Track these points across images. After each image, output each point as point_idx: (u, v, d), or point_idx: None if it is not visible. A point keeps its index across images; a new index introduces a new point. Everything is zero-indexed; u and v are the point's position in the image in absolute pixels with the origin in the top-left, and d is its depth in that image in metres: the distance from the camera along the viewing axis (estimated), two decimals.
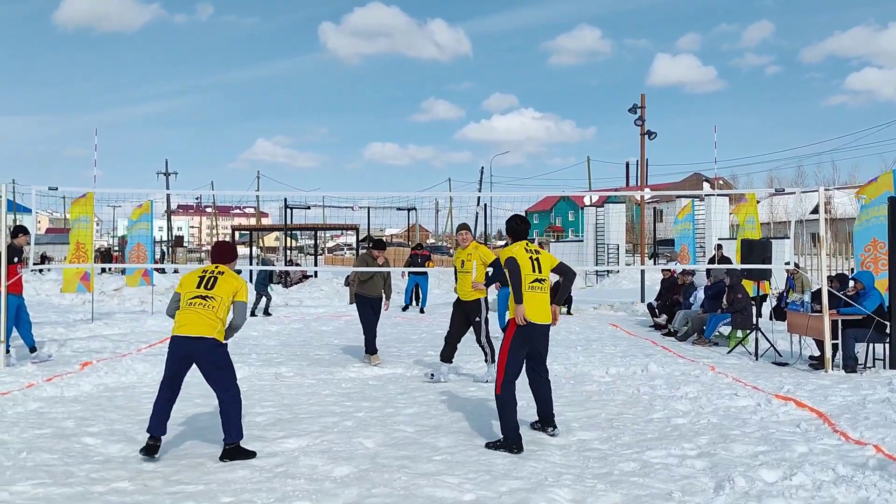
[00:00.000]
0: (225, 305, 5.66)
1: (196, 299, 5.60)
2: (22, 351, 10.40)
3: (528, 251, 6.23)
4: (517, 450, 5.81)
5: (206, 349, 5.55)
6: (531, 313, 6.03)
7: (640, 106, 23.99)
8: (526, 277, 6.07)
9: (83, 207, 15.10)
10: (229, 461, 5.54)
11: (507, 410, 5.96)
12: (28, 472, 5.20)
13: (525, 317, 5.99)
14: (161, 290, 22.40)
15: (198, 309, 5.57)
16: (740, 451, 5.87)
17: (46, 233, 65.43)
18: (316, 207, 42.94)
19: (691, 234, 17.73)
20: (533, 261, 6.19)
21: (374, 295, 10.67)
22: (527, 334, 6.06)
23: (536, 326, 6.08)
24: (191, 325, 5.54)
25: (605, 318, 17.56)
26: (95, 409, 7.39)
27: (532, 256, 6.22)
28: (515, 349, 6.04)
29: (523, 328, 6.02)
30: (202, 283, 5.69)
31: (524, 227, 6.42)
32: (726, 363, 10.49)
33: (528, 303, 6.03)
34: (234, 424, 5.66)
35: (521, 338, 6.05)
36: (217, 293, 5.64)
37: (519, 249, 6.22)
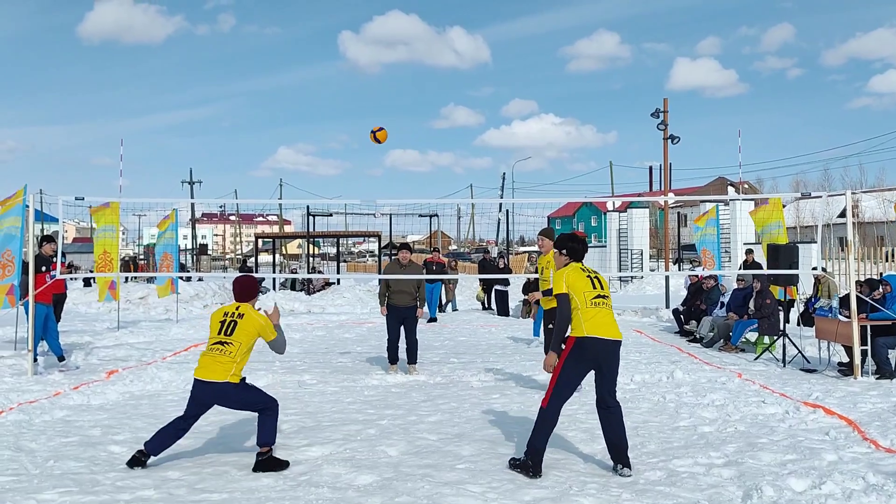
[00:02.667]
0: (245, 348, 5.73)
1: (216, 345, 5.71)
2: (50, 360, 10.54)
3: (584, 270, 5.80)
4: (534, 474, 5.41)
5: (220, 392, 5.64)
6: (592, 328, 5.50)
7: (662, 110, 23.82)
8: (587, 294, 5.60)
9: (109, 216, 15.28)
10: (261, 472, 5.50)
11: (543, 429, 5.51)
12: (55, 481, 5.25)
13: (588, 331, 5.49)
14: (185, 297, 22.60)
15: (215, 354, 5.68)
16: (768, 460, 5.78)
17: (73, 242, 66.32)
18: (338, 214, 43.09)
19: (716, 238, 17.53)
20: (592, 279, 5.76)
21: (401, 304, 10.29)
22: (588, 349, 5.48)
23: (600, 341, 5.49)
24: (205, 370, 5.66)
25: (629, 325, 17.41)
26: (121, 417, 7.46)
27: (590, 275, 5.79)
28: (572, 364, 5.53)
29: (586, 343, 5.49)
30: (222, 329, 5.77)
31: (582, 249, 5.94)
32: (753, 370, 10.35)
33: (592, 318, 5.52)
34: (268, 429, 5.68)
35: (582, 352, 5.50)
36: (236, 339, 5.71)
37: (572, 272, 5.75)
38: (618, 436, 5.60)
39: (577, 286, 5.64)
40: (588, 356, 5.50)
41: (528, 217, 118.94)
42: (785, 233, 15.09)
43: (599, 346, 5.48)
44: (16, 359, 10.60)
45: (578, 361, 5.52)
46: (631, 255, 31.78)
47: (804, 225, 54.19)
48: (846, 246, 10.88)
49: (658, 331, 15.87)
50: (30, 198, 10.46)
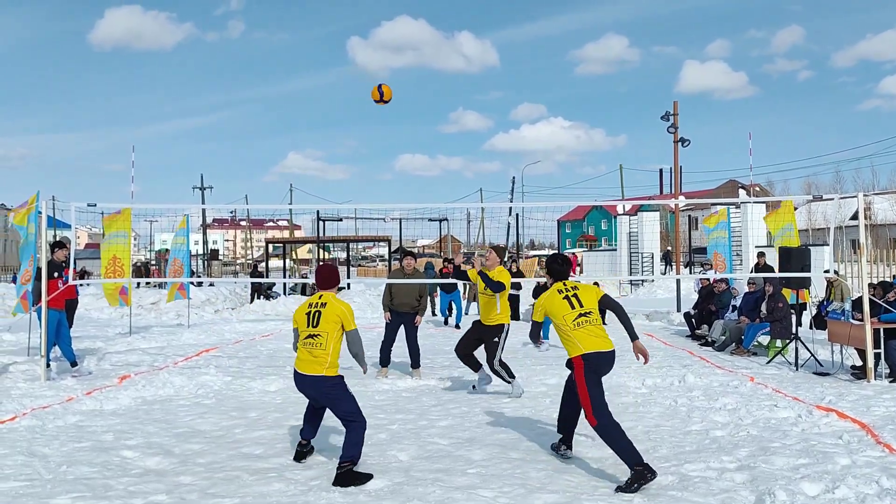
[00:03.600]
0: (333, 338, 5.75)
1: (308, 339, 5.76)
2: (62, 365, 10.60)
3: (561, 291, 5.99)
4: (651, 475, 5.25)
5: (316, 385, 5.73)
6: (589, 345, 5.76)
7: (672, 113, 23.79)
8: (567, 318, 5.83)
9: (120, 222, 15.37)
10: (341, 487, 5.31)
11: (615, 437, 5.52)
12: (68, 486, 5.27)
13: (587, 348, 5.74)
14: (197, 303, 22.70)
15: (309, 348, 5.75)
16: (781, 464, 5.75)
17: (85, 248, 66.73)
18: (348, 219, 43.18)
19: (727, 241, 17.47)
20: (570, 298, 5.94)
21: (403, 310, 10.39)
22: (594, 363, 5.75)
23: (601, 354, 5.78)
24: (303, 363, 5.77)
25: (640, 328, 17.35)
26: (133, 422, 7.49)
27: (567, 295, 5.96)
28: (591, 383, 5.69)
29: (591, 358, 5.73)
30: (310, 321, 5.79)
31: (565, 269, 6.23)
32: (766, 373, 10.29)
33: (582, 338, 5.77)
34: (350, 443, 5.58)
35: (591, 370, 5.73)
36: (322, 329, 5.74)
37: (549, 297, 6.01)
38: (575, 413, 6.02)
39: (556, 312, 5.89)
40: (594, 367, 5.73)
41: (539, 221, 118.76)
42: (797, 235, 15.02)
43: (603, 358, 5.78)
44: (29, 364, 10.68)
45: (592, 373, 5.70)
46: (641, 258, 31.70)
47: (816, 227, 53.86)
48: (858, 248, 10.81)
49: (669, 334, 15.81)
50: (42, 204, 10.55)
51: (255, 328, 18.05)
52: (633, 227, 33.08)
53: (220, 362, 11.64)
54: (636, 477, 5.24)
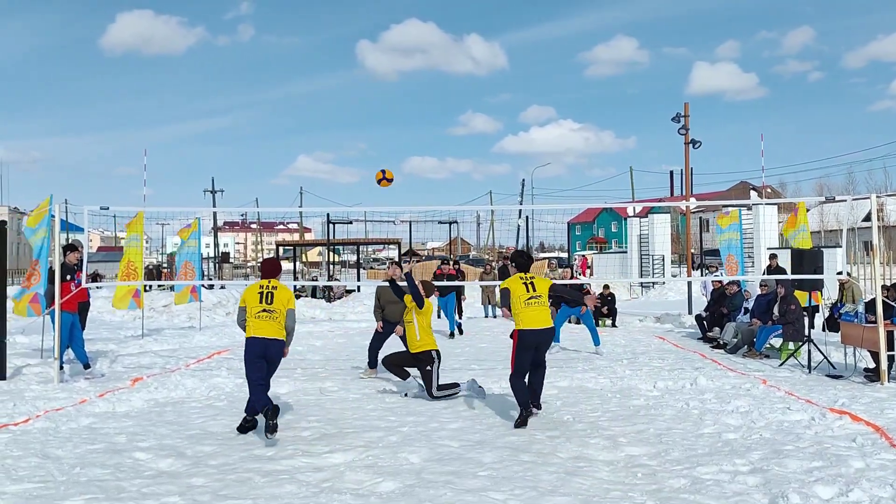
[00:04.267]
0: (283, 314, 7.06)
1: (263, 313, 7.01)
2: (75, 367, 10.66)
3: (522, 279, 7.73)
4: (527, 413, 7.38)
5: (275, 345, 7.06)
6: (529, 322, 7.50)
7: (683, 115, 23.72)
8: (521, 298, 7.57)
9: (133, 226, 15.46)
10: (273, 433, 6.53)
11: (518, 391, 7.52)
12: (81, 488, 5.30)
13: (524, 326, 7.51)
14: (208, 305, 22.77)
15: (266, 320, 7.00)
16: (794, 467, 5.71)
17: (98, 251, 67.10)
18: (358, 222, 43.26)
19: (739, 243, 17.39)
20: (527, 284, 7.67)
21: (393, 319, 10.41)
22: (528, 338, 7.50)
23: (535, 332, 7.52)
24: (267, 330, 7.00)
25: (651, 331, 17.32)
26: (146, 424, 7.52)
27: (525, 281, 7.70)
28: (521, 351, 7.52)
29: (524, 334, 7.50)
30: (263, 299, 7.06)
31: (528, 262, 8.03)
32: (778, 376, 10.24)
33: (527, 315, 7.52)
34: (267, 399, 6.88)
35: (524, 342, 7.52)
36: (276, 306, 7.06)
37: (513, 280, 7.75)
38: (538, 384, 7.80)
39: (515, 292, 7.63)
40: (527, 343, 7.51)
41: (548, 223, 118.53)
42: (809, 237, 14.94)
43: (534, 335, 7.52)
44: (42, 366, 10.74)
45: (522, 347, 7.52)
46: (652, 260, 31.60)
47: (828, 229, 53.53)
48: (871, 250, 10.74)
49: (681, 337, 15.75)
50: (55, 208, 10.62)
51: None
52: (643, 229, 32.98)
53: (231, 364, 11.67)
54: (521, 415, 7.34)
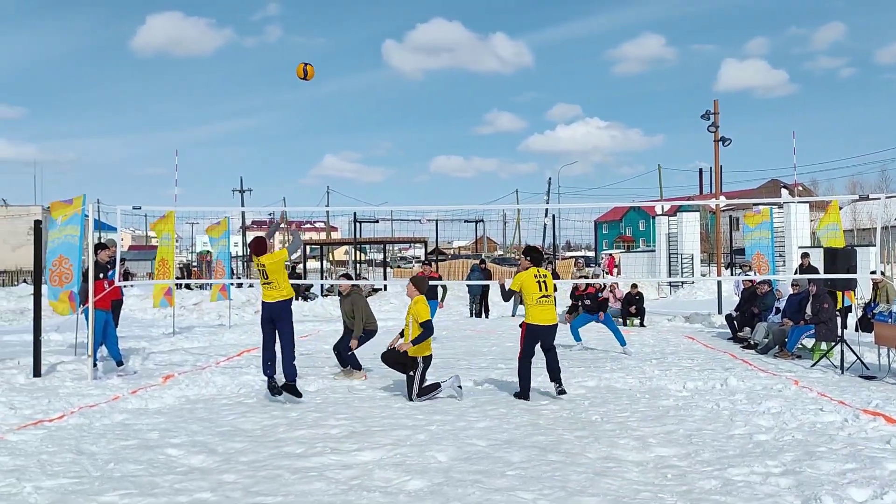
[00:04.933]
0: (279, 277, 8.60)
1: (264, 285, 8.71)
2: (108, 364, 10.83)
3: (535, 276, 8.62)
4: (524, 399, 8.54)
5: (278, 305, 8.61)
6: (539, 318, 8.58)
7: (713, 112, 23.45)
8: (534, 295, 8.54)
9: (165, 225, 15.67)
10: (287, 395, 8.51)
11: (524, 378, 8.68)
12: (115, 483, 5.39)
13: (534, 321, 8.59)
14: (237, 304, 22.99)
15: (269, 289, 8.66)
16: (827, 469, 5.64)
17: (129, 250, 68.08)
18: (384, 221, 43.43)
19: (770, 242, 17.16)
20: (540, 282, 8.59)
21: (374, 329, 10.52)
22: (536, 333, 8.64)
23: (543, 327, 8.61)
24: (268, 297, 8.67)
25: (680, 331, 17.17)
26: (178, 420, 7.62)
27: (539, 279, 8.61)
28: (529, 340, 8.66)
29: (533, 328, 8.60)
30: (262, 276, 8.70)
31: (541, 258, 8.98)
32: (810, 377, 10.10)
33: (537, 312, 8.58)
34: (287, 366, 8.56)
35: (532, 334, 8.65)
36: (273, 277, 8.63)
37: (527, 277, 8.63)
38: (555, 364, 8.76)
39: (528, 288, 8.59)
40: (535, 336, 8.64)
41: (575, 222, 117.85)
42: (842, 236, 14.71)
43: (544, 330, 8.65)
44: (76, 364, 10.93)
45: (531, 337, 8.65)
46: (681, 259, 31.31)
47: (861, 228, 52.63)
48: None
49: (710, 337, 15.59)
50: (88, 207, 10.79)
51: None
52: (672, 227, 32.68)
53: (260, 362, 11.76)
54: (520, 394, 8.63)
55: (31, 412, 7.83)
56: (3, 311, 21.94)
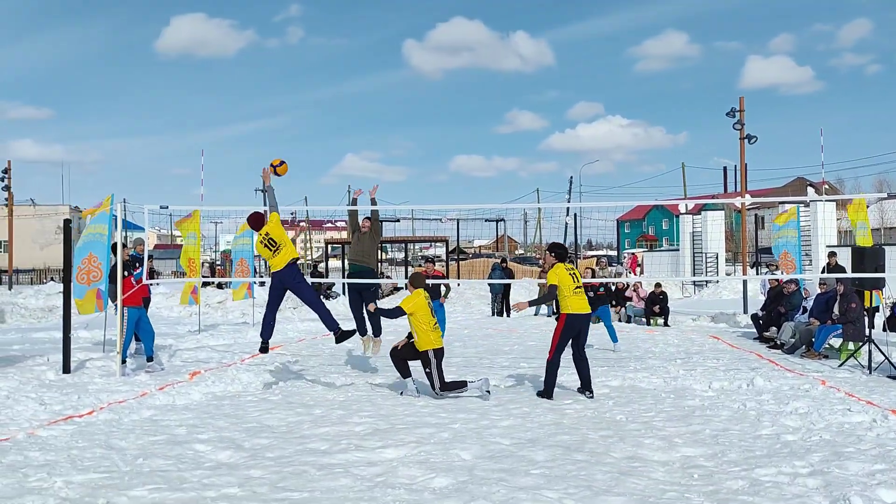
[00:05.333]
0: (286, 240, 9.19)
1: (274, 253, 9.15)
2: (137, 361, 10.97)
3: (568, 269, 8.87)
4: (548, 398, 8.63)
5: (289, 269, 9.16)
6: (576, 307, 8.75)
7: (738, 109, 23.25)
8: (570, 287, 8.75)
9: (190, 224, 15.83)
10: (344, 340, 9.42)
11: (551, 377, 8.76)
12: (145, 478, 5.46)
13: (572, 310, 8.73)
14: (261, 302, 23.14)
15: (277, 257, 9.14)
16: (856, 470, 5.58)
17: (155, 248, 68.84)
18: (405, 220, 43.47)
19: (797, 241, 16.97)
20: (573, 275, 8.87)
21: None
22: (574, 323, 8.74)
23: (581, 316, 8.79)
24: (278, 264, 9.15)
25: (704, 330, 17.04)
26: (205, 416, 7.71)
27: (570, 272, 8.87)
28: (566, 333, 8.75)
29: (572, 318, 8.71)
30: (268, 246, 9.21)
31: (563, 252, 9.24)
32: (838, 377, 9.99)
33: (574, 302, 8.74)
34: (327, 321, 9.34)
35: (570, 325, 8.74)
36: (280, 240, 9.19)
37: (561, 271, 8.82)
38: (586, 372, 8.94)
39: (564, 282, 8.75)
40: (573, 326, 8.74)
41: (597, 221, 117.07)
42: (869, 234, 14.51)
43: (579, 319, 8.77)
44: (104, 361, 11.08)
45: (567, 329, 8.75)
46: (705, 258, 31.06)
47: (888, 226, 51.87)
48: None
49: (736, 337, 15.45)
50: (117, 207, 10.94)
51: (316, 327, 18.31)
52: (696, 226, 32.43)
53: (284, 360, 11.87)
54: (545, 393, 8.72)
55: (61, 408, 7.95)
56: (33, 309, 22.29)
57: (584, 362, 8.96)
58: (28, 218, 60.99)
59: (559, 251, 9.20)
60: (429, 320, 8.91)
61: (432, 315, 9.01)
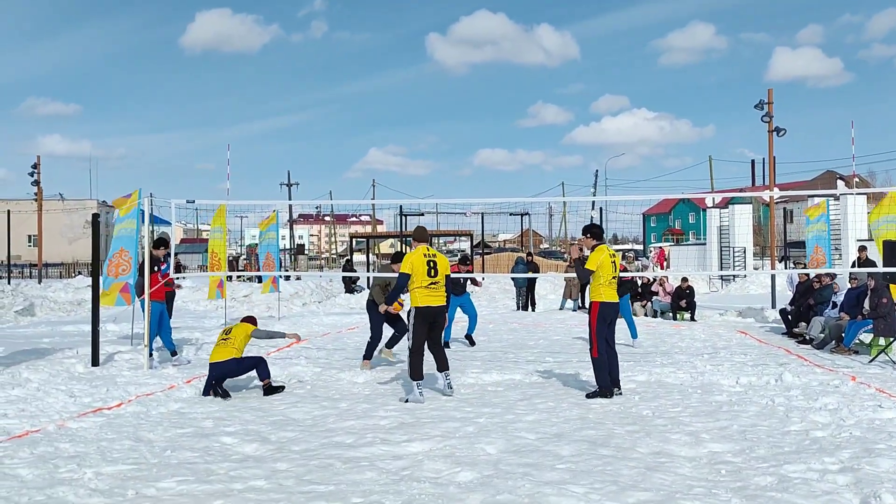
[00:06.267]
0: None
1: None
2: (163, 354, 11.09)
3: (611, 256, 8.40)
4: (609, 395, 8.24)
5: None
6: (611, 296, 8.36)
7: (766, 101, 22.93)
8: (608, 275, 8.32)
9: (216, 219, 15.96)
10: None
11: (603, 369, 8.32)
12: (172, 470, 5.52)
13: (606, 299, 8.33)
14: (286, 296, 23.31)
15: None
16: (887, 466, 5.48)
17: (181, 243, 69.56)
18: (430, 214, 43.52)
19: (826, 235, 16.72)
20: (613, 262, 8.40)
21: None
22: (607, 312, 8.37)
23: (614, 305, 8.43)
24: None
25: (732, 325, 16.85)
26: (231, 409, 7.77)
27: (613, 259, 8.40)
28: (601, 325, 8.34)
29: (605, 306, 8.32)
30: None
31: (601, 232, 8.75)
32: (868, 373, 9.82)
33: (608, 291, 8.34)
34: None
35: (603, 317, 8.35)
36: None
37: (604, 256, 8.33)
38: (615, 366, 8.51)
39: (606, 269, 8.31)
40: (607, 314, 8.36)
41: (622, 214, 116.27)
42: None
43: (612, 307, 8.41)
44: (132, 354, 11.22)
45: (601, 319, 8.33)
46: (733, 252, 30.72)
47: None
48: None
49: (764, 332, 15.27)
50: (144, 201, 11.06)
51: (341, 321, 18.44)
52: (723, 220, 32.09)
53: (309, 354, 11.94)
54: (600, 392, 8.28)
55: (90, 400, 8.06)
56: (62, 303, 22.64)
57: (614, 356, 8.53)
58: (57, 212, 61.95)
59: (596, 230, 8.68)
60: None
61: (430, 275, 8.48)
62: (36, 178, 43.50)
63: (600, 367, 8.30)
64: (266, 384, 8.64)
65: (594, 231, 8.66)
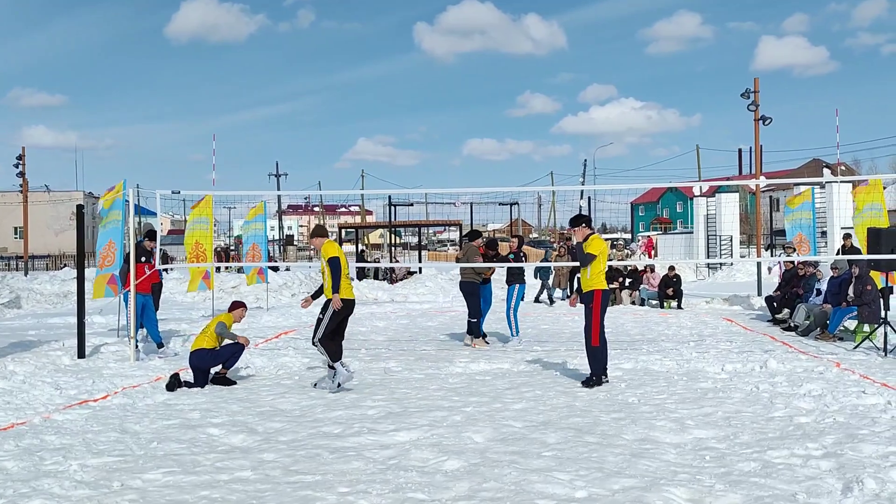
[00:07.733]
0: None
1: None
2: (150, 346, 11.05)
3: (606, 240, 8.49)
4: (606, 380, 8.47)
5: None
6: (605, 284, 8.52)
7: (753, 90, 23.00)
8: (605, 261, 8.53)
9: (202, 209, 15.87)
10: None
11: (600, 357, 8.42)
12: (158, 461, 5.51)
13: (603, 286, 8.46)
14: (274, 287, 23.24)
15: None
16: (869, 452, 5.55)
17: (168, 234, 69.22)
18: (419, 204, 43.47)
19: (811, 223, 16.82)
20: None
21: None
22: (605, 298, 8.48)
23: (608, 291, 8.68)
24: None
25: (718, 313, 16.96)
26: (218, 401, 7.76)
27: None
28: (603, 310, 8.44)
29: (606, 294, 8.48)
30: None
31: (590, 221, 8.87)
32: (852, 359, 9.92)
33: (604, 277, 8.52)
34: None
35: (604, 301, 8.44)
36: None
37: (603, 243, 8.54)
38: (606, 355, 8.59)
39: (604, 256, 8.48)
40: (606, 301, 8.49)
41: (611, 204, 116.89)
42: (885, 216, 14.35)
43: (609, 295, 8.69)
44: (119, 345, 11.17)
45: (603, 306, 8.45)
46: (719, 241, 30.87)
47: None
48: None
49: (749, 319, 15.38)
50: (129, 192, 10.98)
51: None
52: (710, 209, 32.23)
53: (297, 344, 11.93)
54: (596, 381, 8.35)
55: (76, 392, 8.03)
56: (48, 295, 22.50)
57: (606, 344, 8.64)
58: (43, 204, 61.44)
59: (587, 220, 8.83)
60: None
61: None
62: (21, 170, 43.12)
63: (600, 356, 8.40)
64: (222, 373, 8.67)
65: (588, 221, 8.79)
